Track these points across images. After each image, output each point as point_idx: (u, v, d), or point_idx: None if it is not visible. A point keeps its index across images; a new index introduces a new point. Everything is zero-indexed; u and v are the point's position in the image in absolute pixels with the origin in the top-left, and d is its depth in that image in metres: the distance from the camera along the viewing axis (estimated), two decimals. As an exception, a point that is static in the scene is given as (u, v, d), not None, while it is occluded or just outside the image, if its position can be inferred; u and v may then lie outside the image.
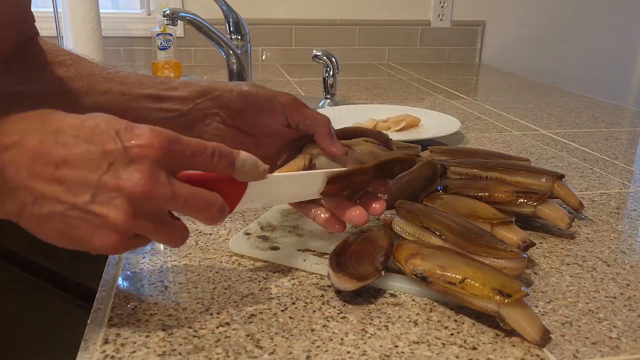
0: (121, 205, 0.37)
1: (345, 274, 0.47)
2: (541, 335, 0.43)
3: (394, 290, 0.50)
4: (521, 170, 0.68)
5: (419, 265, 0.47)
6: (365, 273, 0.48)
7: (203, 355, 0.41)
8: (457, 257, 0.48)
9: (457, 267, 0.46)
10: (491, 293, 0.43)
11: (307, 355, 0.41)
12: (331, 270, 0.48)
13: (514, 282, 0.44)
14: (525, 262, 0.49)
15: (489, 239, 0.52)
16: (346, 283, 0.47)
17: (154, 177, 0.38)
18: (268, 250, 0.55)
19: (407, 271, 0.48)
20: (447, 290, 0.45)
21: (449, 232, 0.52)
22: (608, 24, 2.15)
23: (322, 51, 1.18)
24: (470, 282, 0.44)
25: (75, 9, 1.44)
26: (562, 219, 0.60)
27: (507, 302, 0.42)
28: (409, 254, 0.49)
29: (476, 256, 0.49)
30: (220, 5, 1.34)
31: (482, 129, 1.10)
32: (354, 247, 0.52)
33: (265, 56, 1.92)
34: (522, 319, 0.43)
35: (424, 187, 0.63)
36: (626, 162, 0.90)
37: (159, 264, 0.54)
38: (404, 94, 1.46)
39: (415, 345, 0.43)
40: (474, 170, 0.69)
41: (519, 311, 0.43)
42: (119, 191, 0.37)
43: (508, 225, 0.56)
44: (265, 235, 0.58)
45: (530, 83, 1.70)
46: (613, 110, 1.31)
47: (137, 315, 0.45)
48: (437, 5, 1.99)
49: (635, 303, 0.50)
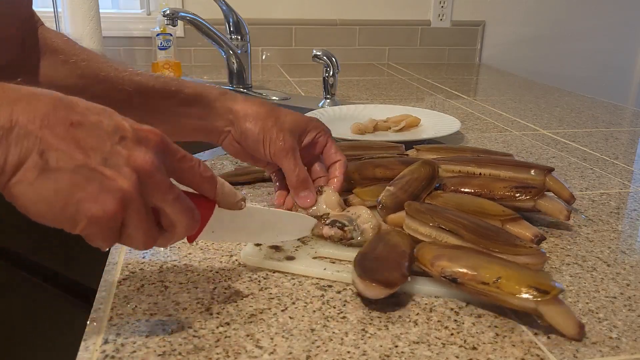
0: (130, 176, 0.37)
1: (373, 280, 0.46)
2: (578, 330, 0.43)
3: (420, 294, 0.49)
4: (512, 165, 0.69)
5: (447, 267, 0.47)
6: (393, 280, 0.47)
7: (203, 355, 0.41)
8: (482, 257, 0.48)
9: (487, 267, 0.46)
10: (529, 291, 0.43)
11: (307, 355, 0.41)
12: (358, 278, 0.47)
13: (547, 279, 0.44)
14: (544, 257, 0.50)
15: (506, 235, 0.52)
16: (374, 290, 0.46)
17: (157, 165, 0.39)
18: (284, 261, 0.53)
19: (434, 273, 0.47)
20: (480, 291, 0.45)
21: (466, 231, 0.51)
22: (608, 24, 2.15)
23: (322, 51, 1.18)
24: (505, 281, 0.44)
25: (75, 9, 1.44)
26: (561, 212, 0.61)
27: (544, 299, 0.43)
28: (433, 255, 0.48)
29: (498, 254, 0.49)
30: (220, 5, 1.34)
31: (482, 129, 1.10)
32: (378, 253, 0.50)
33: (265, 56, 1.92)
34: (559, 315, 0.43)
35: (425, 186, 0.63)
36: (626, 162, 0.90)
37: (159, 264, 0.54)
38: (404, 94, 1.46)
39: (415, 345, 0.43)
40: (467, 167, 0.69)
41: (556, 307, 0.43)
42: (129, 162, 0.38)
43: (517, 221, 0.56)
44: (277, 245, 0.56)
45: (530, 83, 1.70)
46: (613, 110, 1.31)
47: (137, 315, 0.45)
48: (437, 5, 1.99)
49: (635, 303, 0.50)
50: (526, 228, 0.56)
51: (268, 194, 0.73)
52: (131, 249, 0.57)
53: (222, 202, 0.46)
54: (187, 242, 0.56)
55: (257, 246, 0.56)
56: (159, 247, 0.45)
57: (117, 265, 0.54)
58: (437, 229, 0.53)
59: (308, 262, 0.53)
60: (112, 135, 0.38)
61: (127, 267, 0.53)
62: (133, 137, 0.38)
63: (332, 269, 0.52)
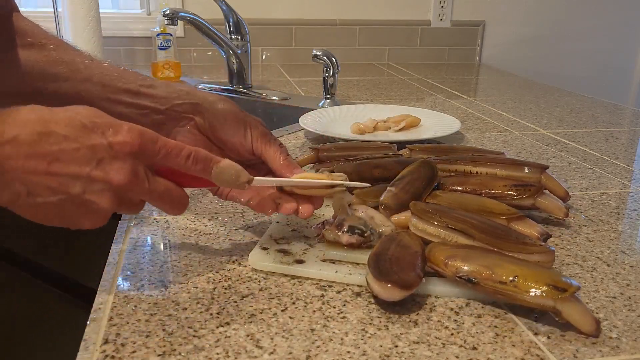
0: (109, 196, 0.43)
1: (389, 282, 0.45)
2: (595, 327, 0.44)
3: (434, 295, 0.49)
4: (507, 163, 0.69)
5: (461, 266, 0.47)
6: (410, 281, 0.46)
7: (203, 355, 0.41)
8: (495, 256, 0.48)
9: (503, 266, 0.46)
10: (547, 289, 0.43)
11: (307, 355, 0.41)
12: (373, 279, 0.46)
13: (562, 277, 0.45)
14: (554, 255, 0.50)
15: (516, 234, 0.52)
16: (391, 292, 0.45)
17: (135, 173, 0.43)
18: (294, 265, 0.53)
19: (449, 274, 0.47)
20: (497, 290, 0.45)
21: (476, 231, 0.51)
22: (608, 24, 2.15)
23: (322, 51, 1.18)
24: (522, 280, 0.44)
25: (75, 9, 1.44)
26: (560, 209, 0.62)
27: (562, 297, 0.43)
28: (446, 255, 0.48)
29: (509, 253, 0.49)
30: (220, 5, 1.34)
31: (482, 129, 1.10)
32: (391, 253, 0.49)
33: (265, 56, 1.92)
34: (576, 313, 0.44)
35: (425, 186, 0.63)
36: (626, 162, 0.90)
37: (159, 264, 0.54)
38: (404, 94, 1.46)
39: (415, 345, 0.43)
40: (464, 167, 0.69)
41: (573, 305, 0.44)
42: (107, 183, 0.42)
43: (523, 220, 0.57)
44: (284, 249, 0.55)
45: (530, 83, 1.70)
46: (613, 110, 1.31)
47: (137, 315, 0.45)
48: (437, 5, 1.99)
49: (635, 303, 0.50)
50: (532, 226, 0.56)
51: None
52: (130, 250, 0.57)
53: (225, 185, 0.49)
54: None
55: (264, 250, 0.55)
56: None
57: (117, 265, 0.54)
58: (446, 228, 0.53)
59: (318, 265, 0.52)
60: (90, 160, 0.41)
61: (127, 267, 0.53)
62: (109, 154, 0.42)
63: (344, 271, 0.51)
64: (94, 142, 0.41)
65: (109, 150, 0.42)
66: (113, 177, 0.42)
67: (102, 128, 0.42)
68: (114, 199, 0.43)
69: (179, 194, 0.47)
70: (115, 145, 0.42)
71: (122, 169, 0.42)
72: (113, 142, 0.42)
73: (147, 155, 0.44)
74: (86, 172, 0.41)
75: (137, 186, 0.44)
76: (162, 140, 0.45)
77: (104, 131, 0.42)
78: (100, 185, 0.42)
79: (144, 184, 0.44)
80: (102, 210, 0.43)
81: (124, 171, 0.42)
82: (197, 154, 0.46)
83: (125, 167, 0.42)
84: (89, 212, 0.43)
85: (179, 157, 0.45)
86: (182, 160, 0.45)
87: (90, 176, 0.41)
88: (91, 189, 0.42)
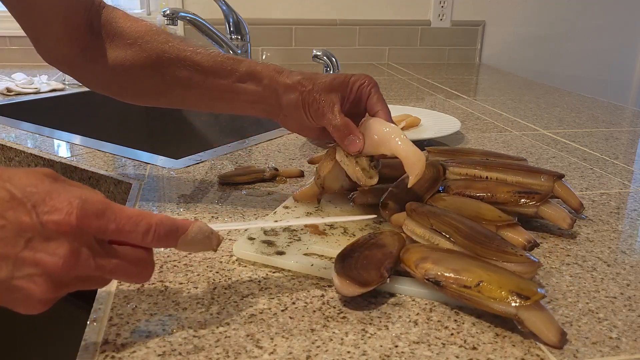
0: (42, 282, 0.36)
1: (348, 278, 0.46)
2: (559, 338, 0.42)
3: (401, 294, 0.50)
4: (521, 170, 0.67)
5: (430, 269, 0.46)
6: (369, 279, 0.47)
7: (203, 355, 0.41)
8: (469, 261, 0.47)
9: (471, 271, 0.45)
10: (509, 296, 0.43)
11: (307, 355, 0.41)
12: (335, 274, 0.47)
13: (530, 284, 0.44)
14: (535, 265, 0.48)
15: (499, 242, 0.51)
16: (348, 288, 0.46)
17: (75, 254, 0.36)
18: (274, 256, 0.54)
19: (418, 276, 0.47)
20: (462, 294, 0.45)
21: (458, 235, 0.51)
22: (608, 24, 2.15)
23: (322, 51, 1.18)
24: (486, 285, 0.44)
25: (75, 9, 1.44)
26: (564, 220, 0.60)
27: (525, 304, 0.42)
28: (418, 257, 0.48)
29: (487, 259, 0.48)
30: (220, 5, 1.34)
31: (482, 129, 1.10)
32: (363, 252, 0.51)
33: (265, 56, 1.92)
34: (540, 322, 0.42)
35: (428, 188, 0.63)
36: (626, 162, 0.91)
37: (159, 264, 0.54)
38: (404, 94, 1.46)
39: (415, 345, 0.43)
40: (474, 170, 0.68)
41: (537, 313, 0.43)
42: (39, 267, 0.36)
43: (513, 227, 0.56)
44: (269, 240, 0.57)
45: (530, 83, 1.70)
46: (613, 110, 1.31)
47: (137, 315, 0.45)
48: (437, 5, 1.99)
49: (635, 303, 0.50)
50: (520, 233, 0.55)
51: (268, 194, 0.73)
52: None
53: (190, 251, 0.48)
54: None
55: (250, 240, 0.56)
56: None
57: (117, 265, 0.54)
58: (431, 231, 0.53)
59: (296, 258, 0.53)
60: (17, 239, 0.35)
61: (127, 267, 0.53)
62: (41, 235, 0.36)
63: (319, 265, 0.52)
64: (21, 219, 0.35)
65: (40, 229, 0.36)
66: (46, 260, 0.36)
67: (34, 201, 0.36)
68: (48, 285, 0.36)
69: (139, 261, 0.40)
70: (48, 224, 0.36)
71: (58, 251, 0.36)
72: (46, 221, 0.36)
73: (93, 232, 0.37)
74: (14, 254, 0.35)
75: (80, 267, 0.37)
76: (111, 213, 0.38)
77: (35, 205, 0.36)
78: (31, 270, 0.36)
79: (89, 264, 0.37)
80: (36, 297, 0.36)
81: (60, 253, 0.36)
82: (159, 228, 0.39)
83: (61, 248, 0.36)
84: (21, 298, 0.36)
85: (134, 233, 0.39)
86: (138, 236, 0.39)
87: (18, 258, 0.35)
88: (20, 273, 0.36)
